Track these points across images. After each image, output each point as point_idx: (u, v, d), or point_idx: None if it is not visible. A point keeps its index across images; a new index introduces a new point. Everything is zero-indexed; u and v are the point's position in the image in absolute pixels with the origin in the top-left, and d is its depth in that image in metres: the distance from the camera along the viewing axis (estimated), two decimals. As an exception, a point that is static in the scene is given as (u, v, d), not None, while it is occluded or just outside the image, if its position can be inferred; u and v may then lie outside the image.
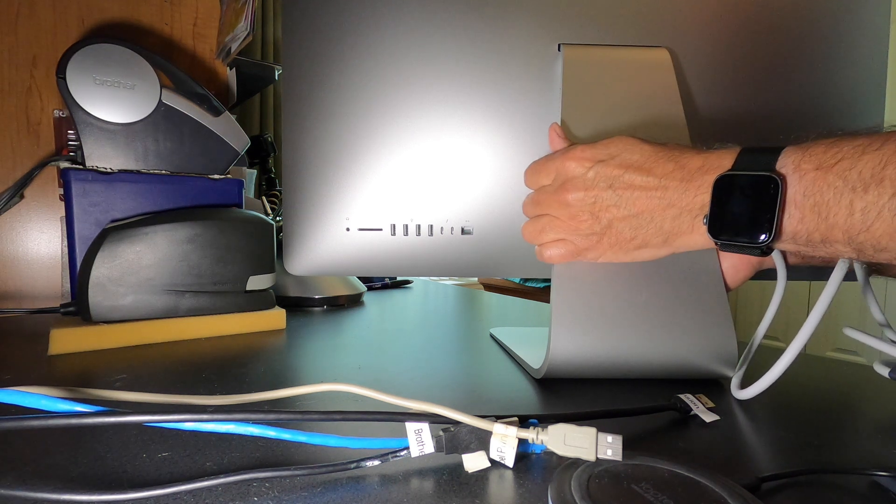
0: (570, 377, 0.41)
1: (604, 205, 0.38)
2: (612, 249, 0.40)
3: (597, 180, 0.38)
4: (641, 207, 0.37)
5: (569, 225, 0.40)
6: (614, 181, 0.38)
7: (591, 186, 0.38)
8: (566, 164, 0.39)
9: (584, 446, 0.25)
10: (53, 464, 0.26)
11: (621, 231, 0.38)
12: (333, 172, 0.44)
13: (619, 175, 0.37)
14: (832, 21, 0.45)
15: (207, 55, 0.78)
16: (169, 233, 0.52)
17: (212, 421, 0.23)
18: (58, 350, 0.47)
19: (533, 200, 0.42)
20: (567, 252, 0.41)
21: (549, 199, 0.41)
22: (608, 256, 0.40)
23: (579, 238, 0.40)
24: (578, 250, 0.40)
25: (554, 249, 0.41)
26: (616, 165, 0.38)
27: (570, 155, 0.39)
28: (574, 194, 0.39)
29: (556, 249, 0.41)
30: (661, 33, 0.44)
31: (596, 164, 0.38)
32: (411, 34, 0.43)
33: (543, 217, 0.41)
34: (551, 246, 0.41)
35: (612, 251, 0.40)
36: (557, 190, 0.40)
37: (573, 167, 0.39)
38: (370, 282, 0.97)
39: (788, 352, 0.34)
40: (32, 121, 0.67)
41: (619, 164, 0.38)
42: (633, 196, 0.37)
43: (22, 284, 0.67)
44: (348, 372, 0.44)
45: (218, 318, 0.55)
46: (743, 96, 0.45)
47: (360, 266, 0.45)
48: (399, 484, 0.25)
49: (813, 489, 0.25)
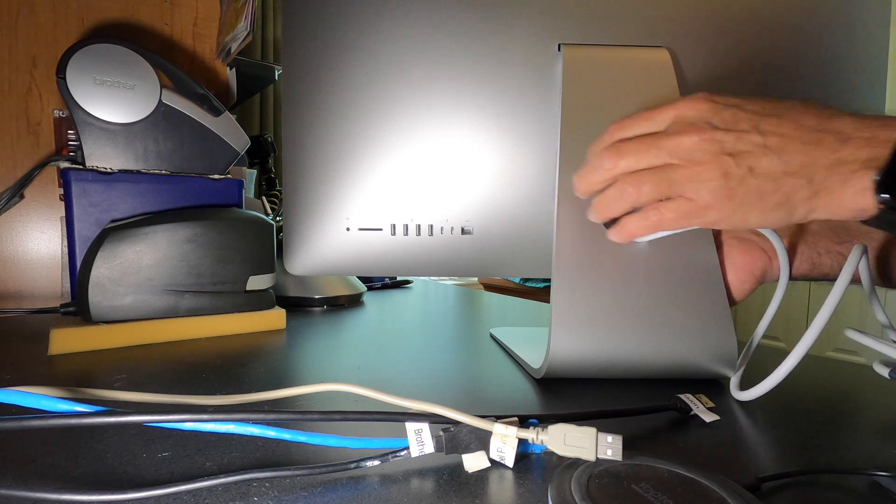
0: (570, 377, 0.41)
1: (745, 146, 0.32)
2: (744, 207, 0.32)
3: (737, 119, 0.32)
4: (793, 152, 0.31)
5: (690, 173, 0.32)
6: (760, 122, 0.32)
7: (730, 125, 0.32)
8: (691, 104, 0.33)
9: (584, 446, 0.25)
10: (53, 464, 0.26)
11: (763, 182, 0.31)
12: (333, 172, 0.44)
13: (766, 116, 0.32)
14: (832, 21, 0.45)
15: (207, 55, 0.78)
16: (169, 233, 0.52)
17: (212, 421, 0.23)
18: (58, 350, 0.47)
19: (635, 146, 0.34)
20: (680, 213, 0.33)
21: (660, 143, 0.33)
22: (734, 219, 0.33)
23: (704, 191, 0.32)
24: (697, 209, 0.33)
25: (656, 214, 0.34)
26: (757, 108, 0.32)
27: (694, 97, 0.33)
28: (705, 134, 0.32)
29: (660, 213, 0.34)
30: (661, 33, 0.44)
31: (732, 106, 0.33)
32: (411, 34, 0.43)
33: (641, 173, 0.34)
34: (654, 210, 0.34)
35: (743, 210, 0.32)
36: (677, 132, 0.33)
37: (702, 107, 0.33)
38: (370, 282, 0.97)
39: (792, 356, 0.34)
40: (32, 121, 0.67)
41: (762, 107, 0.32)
42: (783, 141, 0.31)
43: (22, 284, 0.67)
44: (348, 372, 0.44)
45: (218, 318, 0.55)
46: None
47: (360, 266, 0.45)
48: (399, 484, 0.25)
49: (813, 489, 0.25)
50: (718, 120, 0.32)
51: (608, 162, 0.35)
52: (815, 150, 0.31)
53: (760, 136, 0.32)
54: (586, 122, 0.42)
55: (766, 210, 0.32)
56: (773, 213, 0.32)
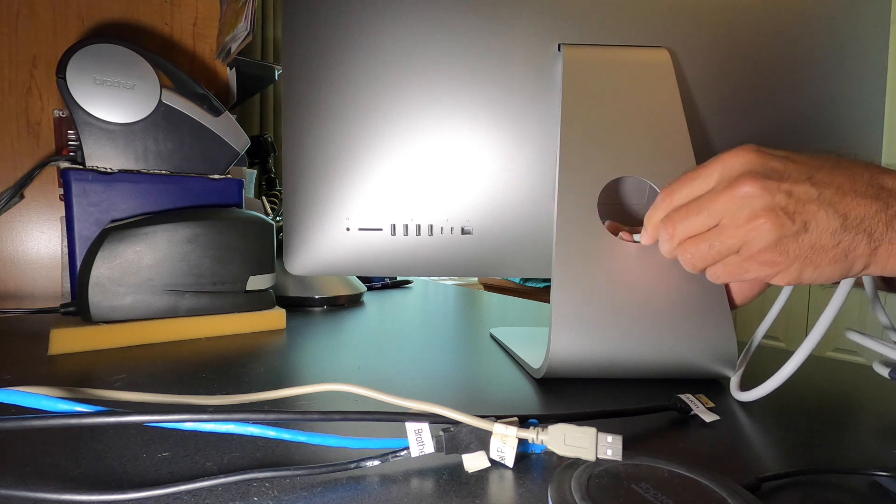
0: (570, 377, 0.41)
1: (800, 201, 0.30)
2: (801, 262, 0.31)
3: (788, 171, 0.31)
4: (850, 206, 0.30)
5: (741, 234, 0.31)
6: (814, 174, 0.30)
7: (781, 177, 0.31)
8: (737, 155, 0.32)
9: (584, 446, 0.25)
10: (53, 464, 0.26)
11: (820, 236, 0.30)
12: (333, 172, 0.44)
13: (818, 168, 0.31)
14: (832, 21, 0.45)
15: (207, 55, 0.78)
16: (169, 233, 0.52)
17: (212, 421, 0.23)
18: (58, 350, 0.47)
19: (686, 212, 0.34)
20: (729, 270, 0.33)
21: (709, 204, 0.32)
22: (788, 274, 0.31)
23: (755, 248, 0.31)
24: (749, 265, 0.32)
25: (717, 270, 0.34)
26: (807, 159, 0.31)
27: (741, 148, 0.32)
28: (756, 185, 0.30)
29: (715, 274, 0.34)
30: (661, 33, 0.44)
31: (780, 157, 0.31)
32: (411, 34, 0.43)
33: (696, 239, 0.34)
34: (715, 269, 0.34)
35: (798, 265, 0.31)
36: (726, 188, 0.32)
37: (750, 158, 0.32)
38: (370, 282, 0.97)
39: (795, 358, 0.34)
40: (32, 121, 0.67)
41: (812, 158, 0.31)
42: (839, 195, 0.30)
43: (22, 284, 0.67)
44: (348, 372, 0.44)
45: (218, 318, 0.55)
46: (743, 96, 0.45)
47: (360, 266, 0.45)
48: (399, 484, 0.25)
49: (813, 489, 0.25)
50: (769, 170, 0.31)
51: (665, 234, 0.35)
52: (873, 204, 0.30)
53: (815, 187, 0.30)
54: (586, 123, 0.42)
55: (822, 265, 0.31)
56: (829, 268, 0.31)
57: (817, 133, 0.46)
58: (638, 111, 0.42)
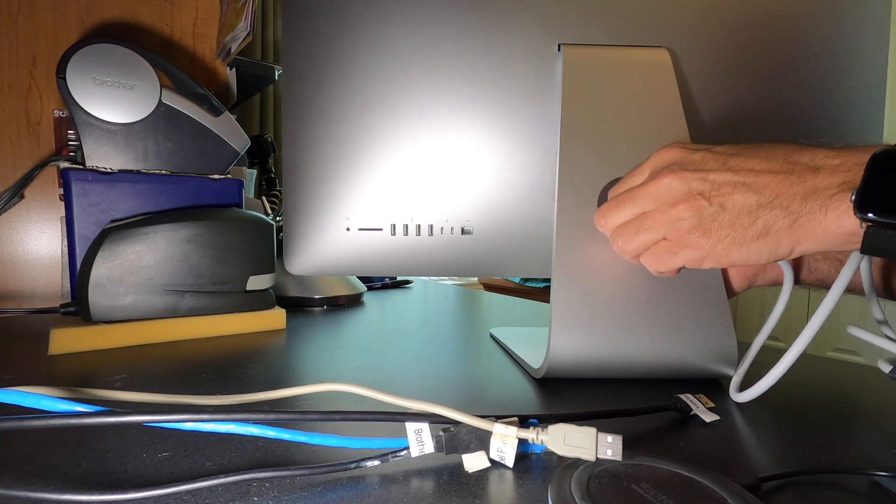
0: (570, 377, 0.41)
1: (715, 184, 0.32)
2: (724, 242, 0.33)
3: (706, 161, 0.33)
4: (763, 184, 0.31)
5: (664, 216, 0.34)
6: (728, 160, 0.33)
7: (699, 167, 0.33)
8: (664, 152, 0.35)
9: (584, 446, 0.25)
10: (53, 464, 0.26)
11: (737, 215, 0.32)
12: (333, 172, 0.44)
13: (734, 154, 0.33)
14: (832, 21, 0.45)
15: (207, 55, 0.78)
16: (169, 233, 0.52)
17: (212, 421, 0.23)
18: (58, 350, 0.47)
19: (614, 203, 0.37)
20: (660, 255, 0.35)
21: (636, 193, 0.35)
22: (716, 256, 0.33)
23: (680, 231, 0.34)
24: (676, 249, 0.34)
25: (648, 258, 0.36)
26: (726, 149, 0.33)
27: (667, 146, 0.35)
28: (674, 176, 0.33)
29: (649, 257, 0.36)
30: (661, 33, 0.44)
31: (702, 150, 0.34)
32: (411, 34, 0.43)
33: (624, 226, 0.36)
34: (647, 254, 0.36)
35: (724, 245, 0.33)
36: (651, 179, 0.35)
37: (673, 153, 0.35)
38: (370, 282, 0.97)
39: (787, 356, 0.34)
40: (32, 121, 0.67)
41: (731, 148, 0.33)
42: (752, 175, 0.32)
43: (22, 284, 0.67)
44: (348, 372, 0.44)
45: (218, 318, 0.55)
46: (743, 96, 0.45)
47: (360, 266, 0.45)
48: (399, 484, 0.25)
49: (813, 489, 0.25)
50: (688, 162, 0.34)
51: (598, 223, 0.39)
52: (786, 180, 0.31)
53: (731, 172, 0.33)
54: (586, 122, 0.42)
55: (746, 244, 0.33)
56: (755, 246, 0.32)
57: (818, 133, 0.46)
58: (638, 111, 0.42)
